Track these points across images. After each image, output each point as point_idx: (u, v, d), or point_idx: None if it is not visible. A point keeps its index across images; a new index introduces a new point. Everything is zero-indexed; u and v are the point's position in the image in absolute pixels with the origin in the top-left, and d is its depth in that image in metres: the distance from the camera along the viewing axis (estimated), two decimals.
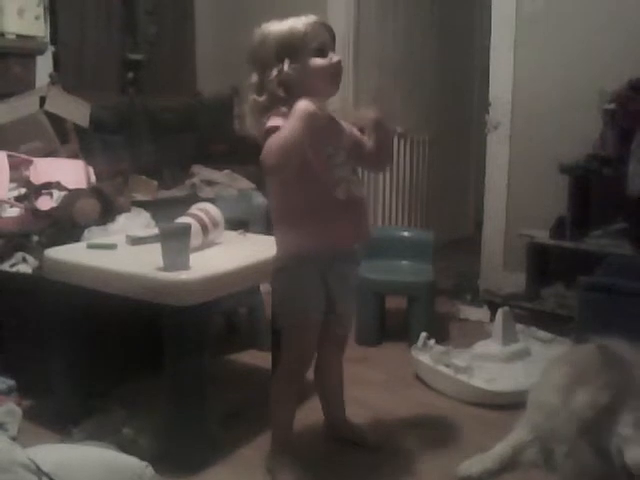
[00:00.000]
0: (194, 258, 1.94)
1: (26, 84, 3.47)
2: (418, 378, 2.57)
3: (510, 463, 1.85)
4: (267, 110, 1.68)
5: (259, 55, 1.70)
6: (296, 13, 1.73)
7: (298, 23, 1.67)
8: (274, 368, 2.36)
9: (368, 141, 1.87)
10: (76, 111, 3.35)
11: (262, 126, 1.65)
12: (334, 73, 1.70)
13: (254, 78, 1.71)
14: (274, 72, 1.66)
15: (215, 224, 2.23)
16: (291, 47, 1.66)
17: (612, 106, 2.91)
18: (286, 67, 1.65)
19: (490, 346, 2.57)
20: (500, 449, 1.88)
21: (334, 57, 1.70)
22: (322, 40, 1.69)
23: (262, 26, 1.72)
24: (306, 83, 1.66)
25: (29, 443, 1.53)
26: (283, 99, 1.66)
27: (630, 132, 2.80)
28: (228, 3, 4.58)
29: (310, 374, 1.98)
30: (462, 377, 2.42)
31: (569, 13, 3.24)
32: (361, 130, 1.91)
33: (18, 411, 2.11)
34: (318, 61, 1.68)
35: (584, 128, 3.07)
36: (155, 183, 3.51)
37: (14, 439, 1.87)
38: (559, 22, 3.27)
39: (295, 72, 1.66)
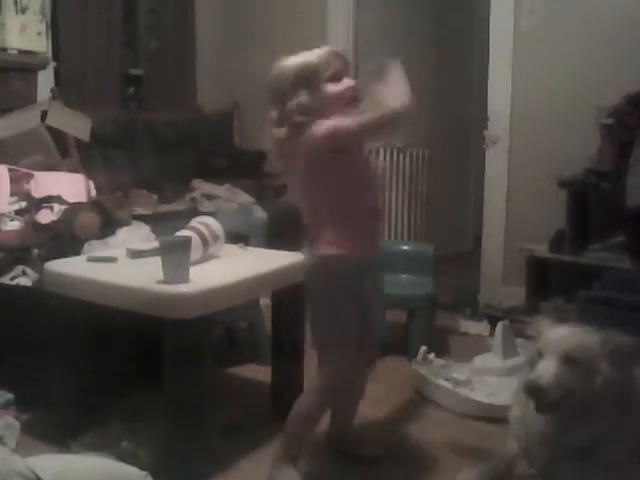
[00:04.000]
0: (194, 271, 1.94)
1: (27, 99, 3.49)
2: (418, 392, 2.57)
3: (506, 474, 1.84)
4: (288, 140, 1.73)
5: (277, 90, 1.77)
6: (295, 30, 1.77)
7: (311, 56, 1.76)
8: (273, 381, 2.36)
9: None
10: (77, 125, 3.37)
11: (289, 157, 1.76)
12: (349, 96, 1.77)
13: (274, 113, 1.77)
14: (294, 102, 1.73)
15: (215, 237, 2.24)
16: (307, 78, 1.73)
17: (610, 121, 2.92)
18: (304, 98, 1.72)
19: (490, 360, 2.57)
20: (495, 461, 1.87)
21: (349, 82, 1.77)
22: (336, 67, 1.76)
23: (279, 63, 1.80)
24: (324, 109, 1.73)
25: (27, 456, 1.53)
26: (304, 126, 1.72)
27: (628, 146, 2.81)
28: (228, 19, 4.62)
29: None
30: (462, 391, 2.42)
31: (566, 28, 3.27)
32: None
33: (16, 424, 2.10)
34: (332, 87, 1.75)
35: (582, 143, 3.09)
36: (155, 197, 3.53)
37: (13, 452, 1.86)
38: (556, 37, 3.30)
39: (312, 100, 1.73)
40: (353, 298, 1.79)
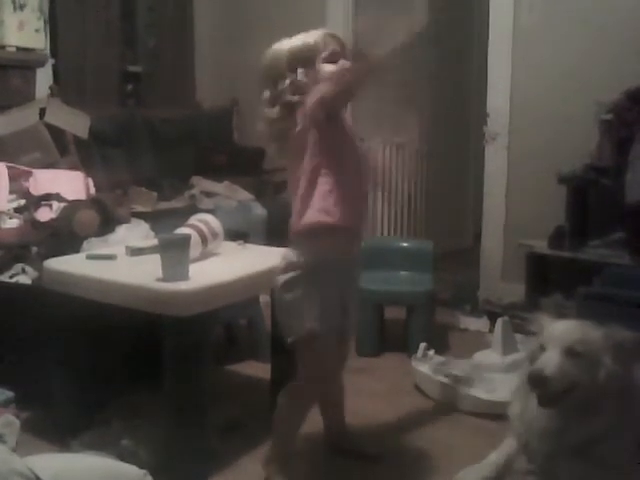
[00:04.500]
0: (193, 269, 1.94)
1: (26, 96, 3.48)
2: (418, 388, 2.57)
3: (506, 471, 1.84)
4: (280, 121, 1.73)
5: (271, 70, 1.76)
6: (294, 26, 1.77)
7: (308, 36, 1.75)
8: (273, 378, 2.36)
9: None
10: (76, 123, 3.37)
11: (281, 139, 1.73)
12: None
13: (266, 94, 1.76)
14: (287, 82, 1.72)
15: (214, 235, 2.24)
16: (303, 57, 1.73)
17: (609, 117, 2.92)
18: (299, 75, 1.72)
19: (490, 356, 2.57)
20: (495, 457, 1.87)
21: (345, 64, 1.75)
22: (332, 49, 1.75)
23: (273, 45, 1.78)
24: None
25: (27, 455, 1.52)
26: (296, 106, 1.71)
27: (627, 142, 2.81)
28: (227, 15, 4.61)
29: None
30: (461, 387, 2.42)
31: (565, 24, 3.26)
32: None
33: (16, 423, 2.10)
34: (328, 67, 1.74)
35: (581, 138, 3.08)
36: (154, 194, 3.52)
37: (12, 451, 1.86)
38: (556, 33, 3.30)
39: (308, 78, 1.72)
40: (335, 276, 1.75)
